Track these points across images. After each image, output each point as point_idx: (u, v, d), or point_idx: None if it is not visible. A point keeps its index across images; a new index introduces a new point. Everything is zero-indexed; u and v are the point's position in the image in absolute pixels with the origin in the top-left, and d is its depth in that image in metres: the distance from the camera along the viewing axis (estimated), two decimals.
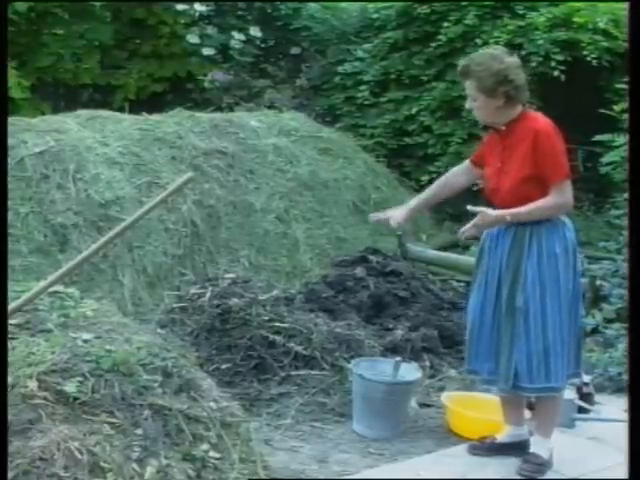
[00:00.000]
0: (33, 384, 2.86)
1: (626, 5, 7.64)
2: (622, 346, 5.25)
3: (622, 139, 6.34)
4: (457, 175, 4.20)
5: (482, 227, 3.91)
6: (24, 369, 2.91)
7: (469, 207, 3.97)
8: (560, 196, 3.80)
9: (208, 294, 5.21)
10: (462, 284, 6.82)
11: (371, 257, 6.69)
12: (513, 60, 3.87)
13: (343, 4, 10.59)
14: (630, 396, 2.92)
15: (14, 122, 6.41)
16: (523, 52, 7.83)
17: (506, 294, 3.86)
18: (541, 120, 3.86)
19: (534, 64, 7.88)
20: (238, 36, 9.87)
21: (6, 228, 4.43)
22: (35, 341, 3.11)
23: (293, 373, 4.80)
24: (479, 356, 3.98)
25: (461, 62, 3.95)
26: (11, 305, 3.20)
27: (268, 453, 3.71)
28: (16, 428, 2.71)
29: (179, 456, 2.90)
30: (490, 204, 4.03)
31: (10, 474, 2.58)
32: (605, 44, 8.07)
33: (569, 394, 4.57)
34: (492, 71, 3.78)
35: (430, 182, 8.63)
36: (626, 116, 6.35)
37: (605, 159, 6.63)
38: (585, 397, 4.70)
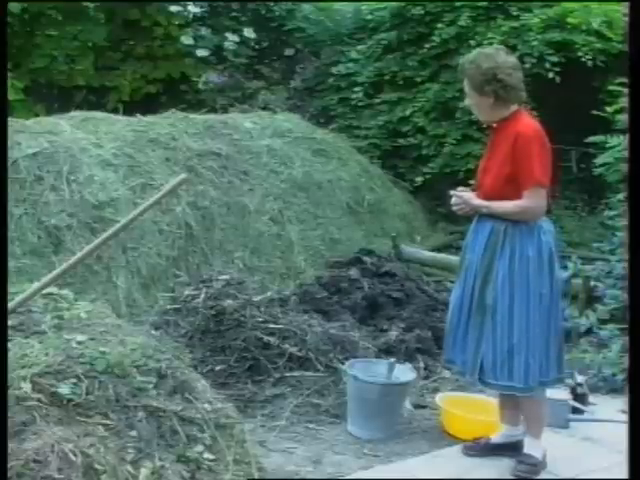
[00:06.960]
0: (27, 386, 2.85)
1: (620, 6, 7.66)
2: (616, 347, 5.25)
3: (616, 140, 6.33)
4: None
5: (461, 208, 3.98)
6: (18, 371, 2.91)
7: (451, 192, 4.03)
8: (530, 201, 3.83)
9: (202, 295, 5.21)
10: None
11: (365, 258, 6.69)
12: (506, 60, 3.89)
13: (337, 5, 10.59)
14: (630, 396, 2.93)
15: (8, 124, 6.39)
16: (517, 53, 7.81)
17: (478, 290, 3.92)
18: (526, 122, 3.87)
19: (528, 65, 7.88)
20: (232, 37, 9.86)
21: (6, 230, 4.43)
22: (29, 343, 3.11)
23: (287, 374, 4.80)
24: (455, 347, 4.05)
25: (460, 60, 4.09)
26: None
27: (262, 454, 3.71)
28: (10, 430, 2.70)
29: (173, 457, 2.90)
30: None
31: None
32: (599, 45, 8.09)
33: (563, 395, 4.58)
34: (481, 70, 3.85)
35: (424, 183, 8.81)
36: (619, 117, 6.35)
37: (599, 160, 6.62)
38: (579, 398, 4.71)
